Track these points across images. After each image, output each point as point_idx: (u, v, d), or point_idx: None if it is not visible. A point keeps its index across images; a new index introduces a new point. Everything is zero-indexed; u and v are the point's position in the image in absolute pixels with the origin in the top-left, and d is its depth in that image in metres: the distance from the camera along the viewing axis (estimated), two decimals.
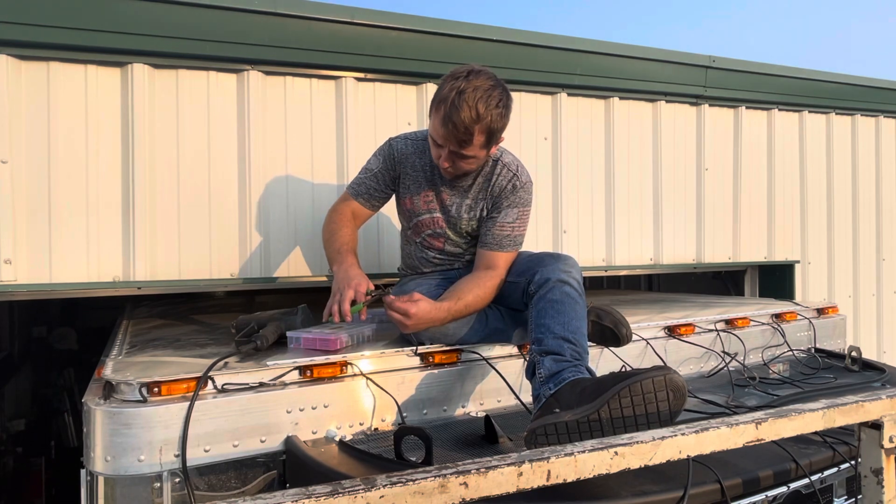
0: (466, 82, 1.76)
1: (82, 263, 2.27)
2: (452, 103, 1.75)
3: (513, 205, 2.02)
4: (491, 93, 1.78)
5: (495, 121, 1.80)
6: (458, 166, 1.91)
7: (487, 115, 1.77)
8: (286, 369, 1.66)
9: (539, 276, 1.79)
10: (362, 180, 2.14)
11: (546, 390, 1.59)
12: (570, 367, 1.60)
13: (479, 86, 1.77)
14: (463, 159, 1.87)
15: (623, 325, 1.99)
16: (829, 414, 1.39)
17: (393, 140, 2.13)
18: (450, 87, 1.78)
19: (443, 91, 1.80)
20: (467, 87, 1.75)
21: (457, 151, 1.84)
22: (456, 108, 1.75)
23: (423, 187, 2.08)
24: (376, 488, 0.98)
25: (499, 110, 1.80)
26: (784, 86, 3.75)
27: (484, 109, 1.76)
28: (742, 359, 2.44)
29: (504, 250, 2.00)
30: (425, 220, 2.11)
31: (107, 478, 1.44)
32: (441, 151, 1.88)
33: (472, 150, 1.84)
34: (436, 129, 1.84)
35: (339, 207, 2.16)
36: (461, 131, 1.77)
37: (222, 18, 2.39)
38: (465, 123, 1.75)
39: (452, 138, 1.80)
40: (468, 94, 1.75)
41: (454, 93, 1.76)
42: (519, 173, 2.04)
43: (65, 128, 2.25)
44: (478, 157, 1.90)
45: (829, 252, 4.06)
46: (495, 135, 1.86)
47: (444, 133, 1.80)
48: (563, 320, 1.70)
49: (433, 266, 2.17)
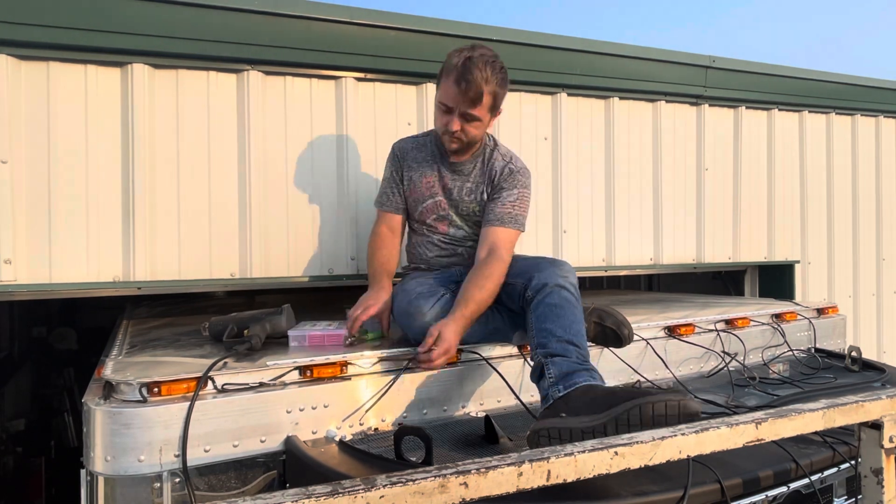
0: (473, 51, 1.96)
1: (82, 263, 2.27)
2: (465, 65, 1.93)
3: (512, 186, 2.13)
4: (495, 60, 1.99)
5: (500, 85, 2.00)
6: (466, 131, 2.02)
7: (495, 78, 1.96)
8: (286, 369, 1.66)
9: (536, 280, 1.82)
10: (383, 190, 2.26)
11: (555, 392, 1.61)
12: (580, 371, 1.62)
13: (485, 54, 1.97)
14: (471, 122, 2.00)
15: (625, 325, 2.01)
16: (829, 414, 1.39)
17: (394, 143, 2.28)
18: (458, 56, 1.96)
19: (451, 61, 1.97)
20: (474, 55, 1.95)
21: (467, 112, 1.98)
22: (468, 69, 1.92)
23: (425, 174, 2.18)
24: (376, 488, 0.98)
25: (502, 75, 2.01)
26: (784, 86, 3.75)
27: (491, 73, 1.95)
28: (742, 359, 2.45)
29: (505, 225, 2.07)
30: (429, 205, 2.19)
31: (107, 478, 1.44)
32: (451, 117, 2.00)
33: (480, 110, 1.99)
34: (448, 94, 1.98)
35: (375, 229, 2.26)
36: (473, 88, 1.93)
37: (222, 18, 2.39)
38: (477, 81, 1.92)
39: (465, 97, 1.95)
40: (477, 58, 1.94)
41: (464, 59, 1.94)
42: (513, 161, 2.18)
43: (65, 128, 2.25)
44: (483, 122, 2.04)
45: (829, 252, 4.06)
46: (498, 100, 2.04)
47: (456, 93, 1.95)
48: (564, 324, 1.73)
49: (439, 250, 2.21)
